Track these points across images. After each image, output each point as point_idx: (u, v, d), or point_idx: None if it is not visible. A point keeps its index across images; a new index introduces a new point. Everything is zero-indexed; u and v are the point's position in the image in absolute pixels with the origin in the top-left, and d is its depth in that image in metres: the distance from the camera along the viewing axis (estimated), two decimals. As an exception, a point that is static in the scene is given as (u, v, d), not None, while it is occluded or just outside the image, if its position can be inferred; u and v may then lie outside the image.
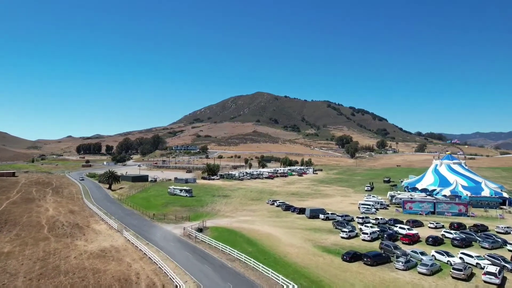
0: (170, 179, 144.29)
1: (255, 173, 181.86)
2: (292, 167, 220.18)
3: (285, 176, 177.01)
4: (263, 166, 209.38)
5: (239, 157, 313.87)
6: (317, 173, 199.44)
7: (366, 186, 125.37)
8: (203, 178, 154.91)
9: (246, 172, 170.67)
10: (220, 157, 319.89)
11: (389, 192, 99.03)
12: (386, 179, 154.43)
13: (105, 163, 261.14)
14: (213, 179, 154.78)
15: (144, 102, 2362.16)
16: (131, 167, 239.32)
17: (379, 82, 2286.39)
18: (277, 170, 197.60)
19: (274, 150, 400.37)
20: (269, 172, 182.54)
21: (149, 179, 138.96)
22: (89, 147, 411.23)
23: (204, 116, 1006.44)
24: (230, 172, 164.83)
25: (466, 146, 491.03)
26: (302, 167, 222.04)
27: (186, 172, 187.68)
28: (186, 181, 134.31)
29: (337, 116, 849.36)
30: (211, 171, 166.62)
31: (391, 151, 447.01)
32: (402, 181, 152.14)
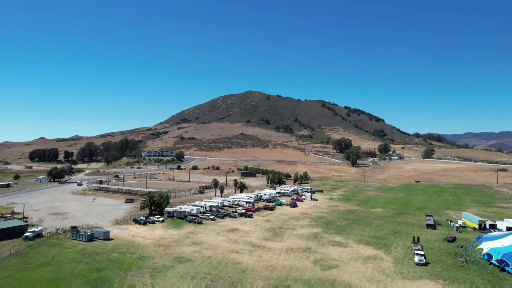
0: (74, 227, 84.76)
1: (226, 203, 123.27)
2: (283, 188, 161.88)
3: (271, 209, 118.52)
4: (241, 189, 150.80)
5: (217, 168, 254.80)
6: (316, 199, 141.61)
7: (417, 254, 66.49)
8: (136, 221, 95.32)
9: (211, 206, 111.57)
10: (195, 167, 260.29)
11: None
12: (429, 221, 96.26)
13: (40, 178, 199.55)
14: (153, 222, 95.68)
15: (131, 102, 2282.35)
16: (70, 186, 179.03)
17: (373, 82, 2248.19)
18: (260, 197, 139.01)
19: (263, 157, 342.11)
20: (247, 202, 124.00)
21: (27, 232, 77.51)
22: (44, 154, 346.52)
23: (192, 116, 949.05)
24: (183, 209, 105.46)
25: None
26: (295, 188, 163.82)
27: (126, 202, 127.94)
28: (90, 238, 74.86)
29: (332, 117, 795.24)
30: (155, 206, 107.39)
31: (396, 157, 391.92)
32: (454, 225, 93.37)
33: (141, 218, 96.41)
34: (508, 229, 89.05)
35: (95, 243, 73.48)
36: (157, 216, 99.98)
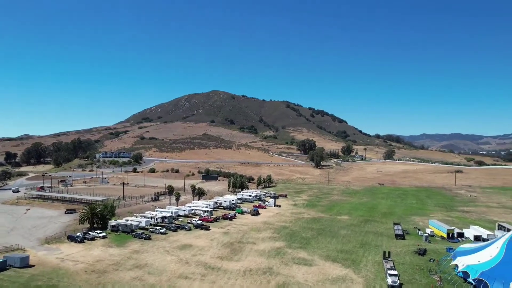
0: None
1: (181, 213, 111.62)
2: (245, 194, 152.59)
3: (230, 219, 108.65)
4: (200, 195, 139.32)
5: (177, 171, 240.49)
6: (280, 206, 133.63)
7: (390, 274, 59.14)
8: (71, 238, 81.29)
9: (163, 218, 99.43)
10: (152, 170, 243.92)
11: None
12: (397, 231, 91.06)
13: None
14: (92, 238, 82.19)
15: (89, 99, 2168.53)
16: (3, 194, 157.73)
17: (336, 83, 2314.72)
18: (220, 204, 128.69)
19: (226, 158, 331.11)
20: (205, 211, 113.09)
21: None
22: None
23: (154, 115, 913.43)
24: (129, 221, 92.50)
25: None
26: (258, 193, 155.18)
27: (66, 213, 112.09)
28: (2, 267, 60.82)
29: (296, 117, 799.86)
30: (98, 218, 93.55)
31: (358, 158, 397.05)
32: (423, 234, 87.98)
33: (78, 234, 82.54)
34: (476, 237, 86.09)
35: (7, 274, 59.45)
36: (98, 231, 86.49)
